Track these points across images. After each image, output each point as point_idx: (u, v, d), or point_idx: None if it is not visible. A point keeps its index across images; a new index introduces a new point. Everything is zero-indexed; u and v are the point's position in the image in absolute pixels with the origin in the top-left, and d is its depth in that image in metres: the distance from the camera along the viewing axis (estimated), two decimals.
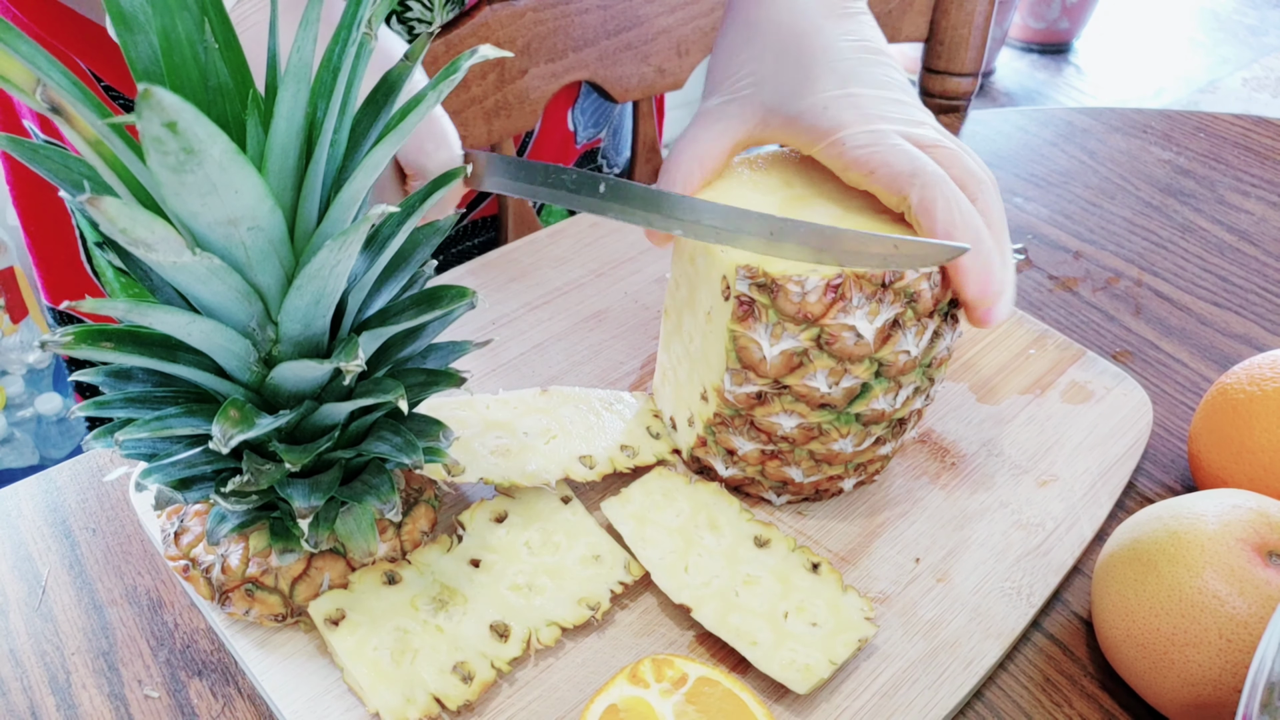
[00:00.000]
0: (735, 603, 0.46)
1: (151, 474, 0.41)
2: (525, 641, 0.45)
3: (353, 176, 0.35)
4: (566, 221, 0.73)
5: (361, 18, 0.34)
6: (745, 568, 0.48)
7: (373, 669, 0.43)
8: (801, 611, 0.46)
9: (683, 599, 0.46)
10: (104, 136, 0.32)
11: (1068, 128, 0.92)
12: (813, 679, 0.44)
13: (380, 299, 0.42)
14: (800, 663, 0.44)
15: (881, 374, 0.46)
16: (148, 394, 0.40)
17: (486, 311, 0.65)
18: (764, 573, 0.48)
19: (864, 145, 0.46)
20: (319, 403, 0.40)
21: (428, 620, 0.45)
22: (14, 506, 0.54)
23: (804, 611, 0.46)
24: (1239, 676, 0.41)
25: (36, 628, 0.49)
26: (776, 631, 0.46)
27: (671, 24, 0.86)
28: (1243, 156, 0.87)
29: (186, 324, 0.35)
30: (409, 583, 0.46)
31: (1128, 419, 0.59)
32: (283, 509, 0.44)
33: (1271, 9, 3.20)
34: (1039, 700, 0.47)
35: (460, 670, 0.43)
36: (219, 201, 0.31)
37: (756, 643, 0.45)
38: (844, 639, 0.45)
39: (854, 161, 0.46)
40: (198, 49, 0.34)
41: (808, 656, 0.45)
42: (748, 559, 0.48)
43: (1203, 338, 0.69)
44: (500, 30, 0.75)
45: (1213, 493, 0.46)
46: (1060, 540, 0.52)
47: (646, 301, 0.66)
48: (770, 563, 0.48)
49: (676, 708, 0.41)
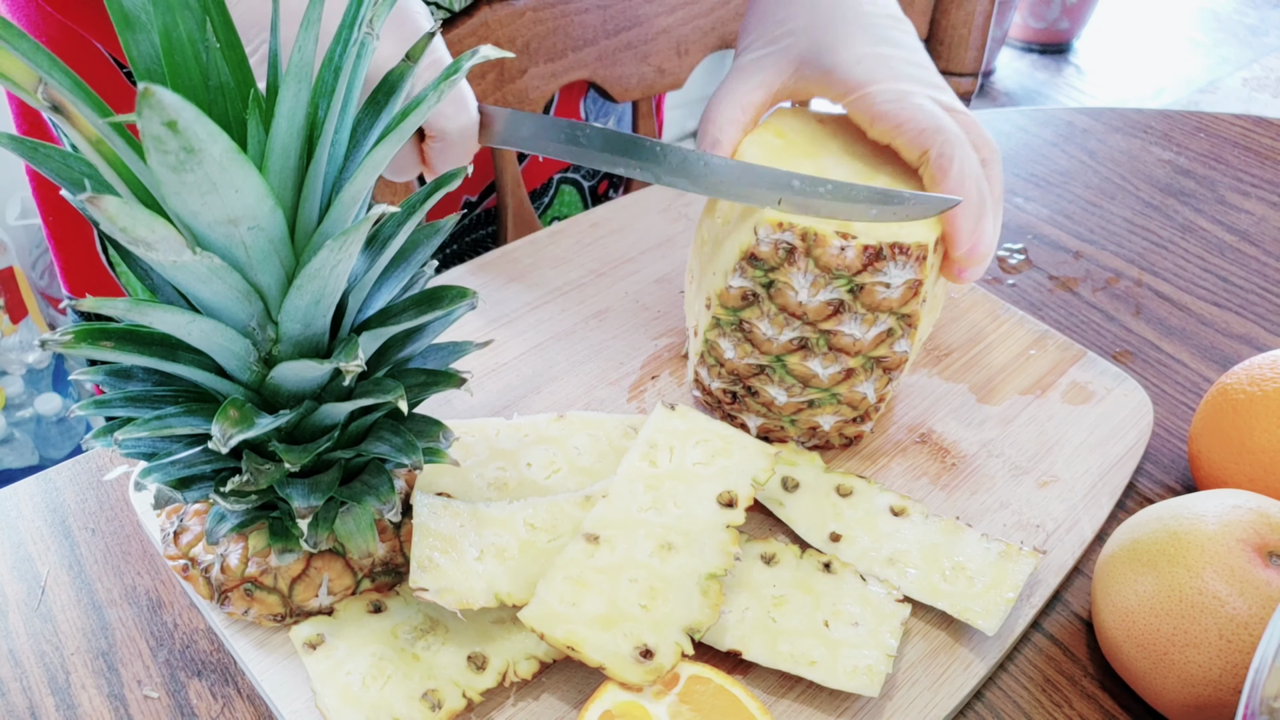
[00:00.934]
0: (776, 629, 0.45)
1: (151, 473, 0.41)
2: (501, 673, 0.44)
3: (353, 176, 0.35)
4: (567, 221, 0.73)
5: (362, 18, 0.34)
6: (768, 590, 0.47)
7: (341, 692, 0.42)
8: (838, 615, 0.46)
9: (729, 644, 0.45)
10: (105, 135, 0.32)
11: (1068, 128, 0.91)
12: (879, 677, 0.43)
13: (380, 299, 0.42)
14: (861, 666, 0.44)
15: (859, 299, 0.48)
16: (147, 393, 0.40)
17: (487, 311, 0.65)
18: (788, 589, 0.47)
19: (892, 100, 0.49)
20: (319, 403, 0.40)
21: (405, 648, 0.44)
22: (13, 506, 0.54)
23: (840, 614, 0.46)
24: (1239, 676, 0.41)
25: (36, 628, 0.49)
26: (827, 644, 0.45)
27: (671, 24, 0.86)
28: (1243, 156, 0.87)
29: (186, 323, 0.35)
30: (393, 612, 0.46)
31: (1128, 420, 0.59)
32: (282, 509, 0.44)
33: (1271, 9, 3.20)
34: (1039, 700, 0.47)
35: (430, 698, 0.43)
36: (219, 201, 0.31)
37: (815, 662, 0.44)
38: (888, 627, 0.45)
39: (881, 114, 0.49)
40: (199, 48, 0.34)
41: (865, 657, 0.44)
42: (765, 580, 0.47)
43: (1203, 338, 0.69)
44: (500, 30, 0.75)
45: (1213, 493, 0.46)
46: (1060, 541, 0.52)
47: (647, 301, 0.66)
48: (786, 576, 0.47)
49: (671, 709, 0.41)
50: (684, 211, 0.74)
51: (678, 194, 0.76)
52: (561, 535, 0.47)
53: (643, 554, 0.45)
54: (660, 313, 0.65)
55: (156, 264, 0.32)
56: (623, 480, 0.47)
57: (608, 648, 0.42)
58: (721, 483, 0.47)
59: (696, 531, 0.45)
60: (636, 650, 0.42)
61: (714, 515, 0.46)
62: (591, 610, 0.43)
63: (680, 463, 0.48)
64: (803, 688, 0.45)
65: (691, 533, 0.45)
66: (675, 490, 0.47)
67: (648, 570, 0.44)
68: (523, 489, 0.50)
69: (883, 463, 0.56)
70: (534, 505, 0.48)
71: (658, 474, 0.47)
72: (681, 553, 0.45)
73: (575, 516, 0.48)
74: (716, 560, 0.44)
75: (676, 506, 0.46)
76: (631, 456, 0.48)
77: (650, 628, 0.42)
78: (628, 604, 0.43)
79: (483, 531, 0.46)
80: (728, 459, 0.48)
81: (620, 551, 0.45)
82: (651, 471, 0.47)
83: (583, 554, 0.44)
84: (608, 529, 0.45)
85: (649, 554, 0.45)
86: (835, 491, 0.52)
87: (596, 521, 0.46)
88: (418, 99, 0.36)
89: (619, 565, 0.44)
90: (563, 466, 0.52)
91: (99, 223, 0.30)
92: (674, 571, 0.44)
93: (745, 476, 0.48)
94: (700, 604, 0.43)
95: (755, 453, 0.49)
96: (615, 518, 0.46)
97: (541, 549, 0.46)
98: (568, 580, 0.43)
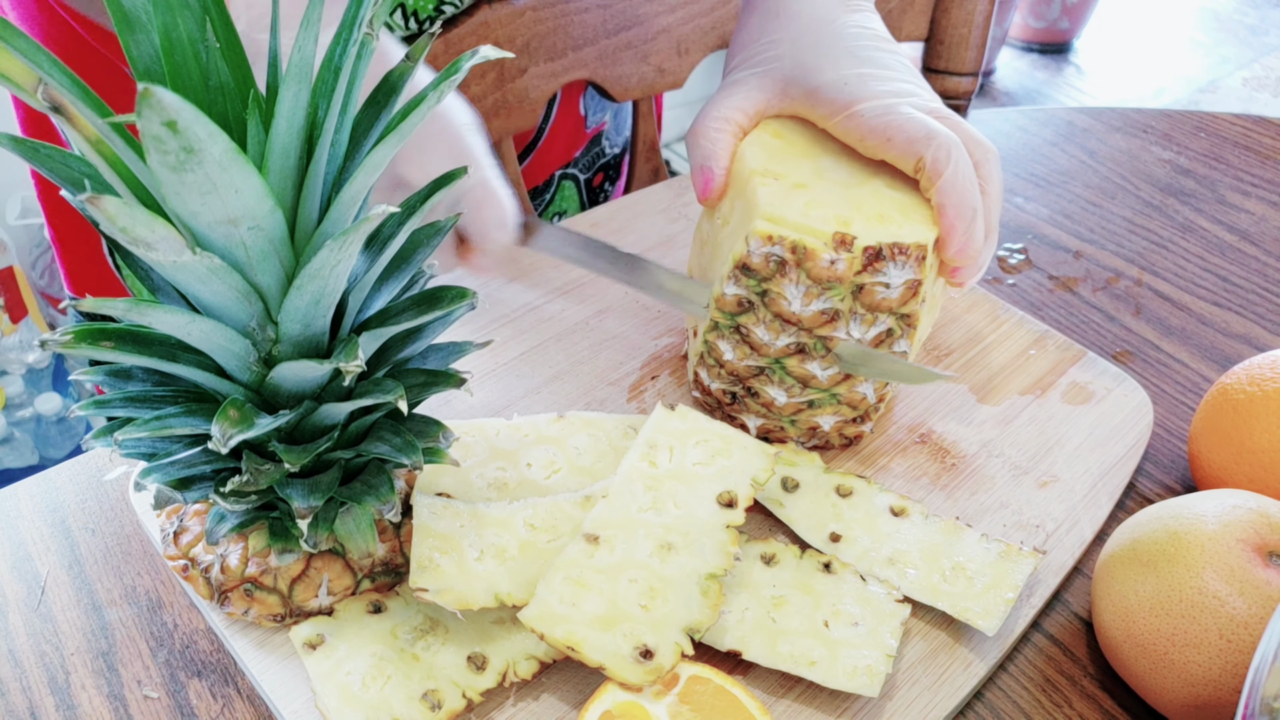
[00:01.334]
0: (776, 629, 0.45)
1: (151, 473, 0.40)
2: (501, 674, 0.44)
3: (353, 177, 0.35)
4: (567, 221, 0.73)
5: (362, 18, 0.34)
6: (768, 590, 0.47)
7: (341, 693, 0.42)
8: (838, 615, 0.46)
9: (729, 645, 0.45)
10: (105, 135, 0.32)
11: (1068, 127, 0.91)
12: (879, 678, 0.43)
13: (380, 299, 0.42)
14: (861, 666, 0.44)
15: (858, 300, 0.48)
16: (147, 393, 0.40)
17: (486, 311, 0.65)
18: (788, 590, 0.47)
19: (879, 115, 0.50)
20: (318, 403, 0.40)
21: (405, 649, 0.44)
22: (13, 506, 0.54)
23: (840, 614, 0.46)
24: (1239, 676, 0.41)
25: (36, 628, 0.49)
26: (826, 644, 0.45)
27: (671, 23, 0.86)
28: (1243, 156, 0.87)
29: (186, 324, 0.35)
30: (394, 612, 0.46)
31: (1128, 420, 0.59)
32: (282, 509, 0.44)
33: (1271, 9, 3.19)
34: (1039, 700, 0.47)
35: (430, 698, 0.43)
36: (219, 201, 0.31)
37: (815, 662, 0.44)
38: (888, 628, 0.45)
39: (871, 130, 0.50)
40: (199, 48, 0.34)
41: (865, 658, 0.44)
42: (764, 580, 0.47)
43: (1203, 338, 0.69)
44: (500, 29, 0.75)
45: (1213, 493, 0.46)
46: (1060, 541, 0.52)
47: (647, 301, 0.66)
48: (786, 576, 0.47)
49: (671, 709, 0.41)
50: (684, 211, 0.74)
51: (678, 194, 0.76)
52: (561, 535, 0.47)
53: (642, 554, 0.45)
54: (660, 313, 0.65)
55: (156, 264, 0.32)
56: (622, 480, 0.47)
57: (607, 648, 0.42)
58: (721, 483, 0.47)
59: (696, 532, 0.45)
60: (636, 650, 0.42)
61: (714, 515, 0.46)
62: (591, 610, 0.43)
63: (680, 463, 0.48)
64: (803, 688, 0.45)
65: (691, 533, 0.45)
66: (675, 490, 0.47)
67: (647, 570, 0.44)
68: (523, 489, 0.50)
69: (883, 463, 0.56)
70: (534, 505, 0.48)
71: (657, 474, 0.47)
72: (681, 553, 0.45)
73: (575, 517, 0.48)
74: (716, 560, 0.44)
75: (676, 507, 0.46)
76: (631, 457, 0.48)
77: (650, 628, 0.42)
78: (627, 604, 0.43)
79: (483, 532, 0.46)
80: (727, 459, 0.48)
81: (620, 552, 0.45)
82: (651, 472, 0.47)
83: (582, 554, 0.44)
84: (607, 529, 0.45)
85: (649, 554, 0.45)
86: (835, 492, 0.52)
87: (596, 522, 0.45)
88: (418, 98, 0.36)
89: (619, 565, 0.44)
90: (563, 466, 0.52)
91: (99, 223, 0.30)
92: (674, 572, 0.44)
93: (745, 477, 0.48)
94: (700, 604, 0.43)
95: (755, 453, 0.49)
96: (615, 518, 0.46)
97: (541, 549, 0.46)
98: (567, 581, 0.43)
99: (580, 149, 0.90)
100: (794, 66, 0.53)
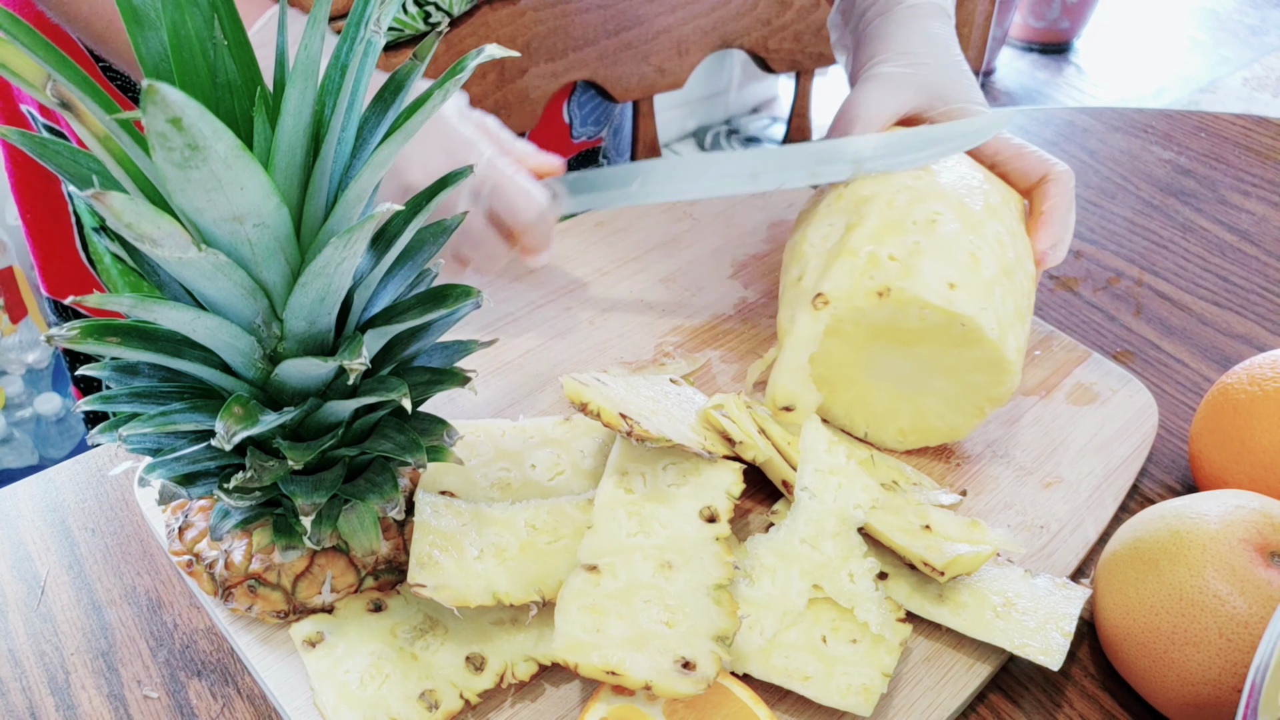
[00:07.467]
0: (773, 641, 0.45)
1: (155, 469, 0.40)
2: (499, 675, 0.44)
3: (359, 174, 0.35)
4: (571, 220, 0.73)
5: (369, 16, 0.34)
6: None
7: (338, 691, 0.43)
8: (837, 631, 0.45)
9: None
10: (112, 132, 0.32)
11: (1068, 127, 0.92)
12: (873, 697, 0.43)
13: (385, 297, 0.42)
14: (856, 684, 0.43)
15: None
16: (153, 389, 0.40)
17: (491, 310, 0.65)
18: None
19: (1015, 140, 0.60)
20: (323, 400, 0.40)
21: (404, 648, 0.44)
22: (13, 506, 0.54)
23: (839, 630, 0.45)
24: (1239, 676, 0.41)
25: (35, 628, 0.49)
26: (823, 659, 0.44)
27: (671, 24, 0.86)
28: (1243, 156, 0.87)
29: (192, 320, 0.35)
30: (394, 611, 0.46)
31: (1133, 421, 0.59)
32: (286, 506, 0.44)
33: (1272, 9, 3.20)
34: (1039, 700, 0.47)
35: (427, 698, 0.43)
36: (224, 198, 0.31)
37: (809, 677, 0.44)
38: (886, 646, 0.45)
39: (1007, 143, 0.60)
40: (207, 46, 0.34)
41: (861, 676, 0.44)
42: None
43: (1203, 338, 0.69)
44: (500, 30, 0.75)
45: (1215, 493, 0.46)
46: (1064, 542, 0.52)
47: (651, 300, 0.66)
48: None
49: (666, 709, 0.41)
50: (688, 211, 0.74)
51: None
52: (563, 537, 0.47)
53: (645, 576, 0.45)
54: (665, 312, 0.65)
55: (162, 260, 0.32)
56: (603, 509, 0.47)
57: (649, 666, 0.41)
58: (698, 499, 0.48)
59: (689, 548, 0.46)
60: (677, 664, 0.41)
61: (700, 530, 0.46)
62: (618, 634, 0.42)
63: (655, 486, 0.48)
64: (794, 698, 0.45)
65: (685, 550, 0.46)
66: (657, 512, 0.47)
67: (657, 590, 0.44)
68: (526, 490, 0.50)
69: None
70: (536, 506, 0.48)
71: (635, 499, 0.47)
72: (682, 569, 0.45)
73: (577, 519, 0.48)
74: (716, 571, 0.44)
75: (663, 527, 0.46)
76: (606, 486, 0.48)
77: (681, 641, 0.42)
78: (650, 623, 0.43)
79: (483, 531, 0.46)
80: (698, 476, 0.49)
81: (623, 577, 0.45)
82: (629, 498, 0.48)
83: (588, 584, 0.44)
84: (604, 557, 0.45)
85: (651, 575, 0.45)
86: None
87: (590, 551, 0.45)
88: (423, 97, 0.36)
89: (627, 590, 0.44)
90: (567, 469, 0.52)
91: (105, 219, 0.30)
92: (681, 588, 0.44)
93: (719, 491, 0.48)
94: (718, 613, 0.43)
95: (721, 468, 0.49)
96: (606, 546, 0.46)
97: (541, 550, 0.46)
98: (583, 610, 0.43)
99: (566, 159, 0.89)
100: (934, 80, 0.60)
